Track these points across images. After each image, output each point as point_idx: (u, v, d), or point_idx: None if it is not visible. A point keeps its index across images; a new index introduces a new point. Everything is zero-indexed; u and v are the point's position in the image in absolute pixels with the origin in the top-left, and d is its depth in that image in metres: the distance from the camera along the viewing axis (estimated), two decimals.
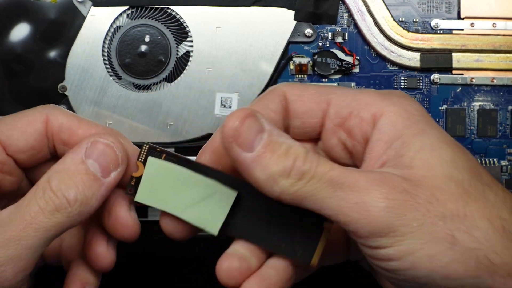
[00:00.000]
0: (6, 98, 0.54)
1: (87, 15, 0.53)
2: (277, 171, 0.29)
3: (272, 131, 0.30)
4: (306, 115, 0.33)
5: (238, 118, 0.30)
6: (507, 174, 0.54)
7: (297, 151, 0.29)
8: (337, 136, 0.33)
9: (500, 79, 0.53)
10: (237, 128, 0.29)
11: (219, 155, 0.34)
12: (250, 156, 0.29)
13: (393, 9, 0.53)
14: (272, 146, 0.29)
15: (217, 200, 0.33)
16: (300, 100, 0.33)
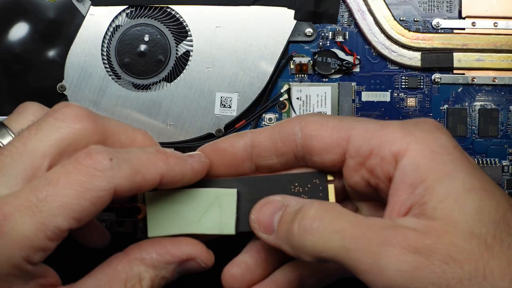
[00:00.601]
0: (5, 98, 0.54)
1: (86, 14, 0.52)
2: (292, 237, 0.30)
3: (290, 204, 0.32)
4: (325, 152, 0.32)
5: (255, 210, 0.33)
6: (508, 174, 0.53)
7: (306, 210, 0.30)
8: (360, 174, 0.32)
9: (502, 78, 0.53)
10: (256, 219, 0.32)
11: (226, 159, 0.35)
12: (272, 239, 0.32)
13: (394, 8, 0.53)
14: (284, 218, 0.31)
15: (221, 203, 0.34)
16: (318, 136, 0.32)
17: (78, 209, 0.28)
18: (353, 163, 0.32)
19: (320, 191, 0.34)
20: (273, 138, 0.33)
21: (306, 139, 0.32)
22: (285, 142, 0.33)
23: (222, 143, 0.35)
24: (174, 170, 0.32)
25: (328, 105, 0.53)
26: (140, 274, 0.31)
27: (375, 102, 0.54)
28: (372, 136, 0.31)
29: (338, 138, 0.32)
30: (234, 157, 0.34)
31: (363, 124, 0.32)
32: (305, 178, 0.34)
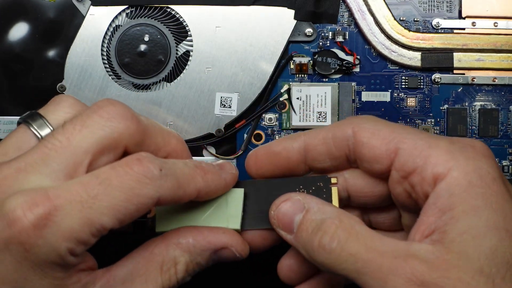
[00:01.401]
0: (5, 98, 0.54)
1: (86, 14, 0.52)
2: (310, 248, 0.31)
3: (311, 208, 0.32)
4: (374, 161, 0.33)
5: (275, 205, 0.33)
6: (508, 174, 0.53)
7: (327, 226, 0.31)
8: (402, 187, 0.33)
9: (502, 78, 0.53)
10: (276, 215, 0.33)
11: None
12: (290, 238, 0.33)
13: (394, 8, 0.53)
14: (305, 226, 0.32)
15: (228, 201, 0.35)
16: (369, 144, 0.33)
17: (124, 212, 0.29)
18: (397, 176, 0.33)
19: (324, 193, 0.34)
20: (327, 142, 0.34)
21: (358, 145, 0.33)
22: (339, 147, 0.34)
23: (276, 146, 0.35)
24: (210, 186, 0.33)
25: (328, 105, 0.53)
26: (175, 258, 0.32)
27: (375, 102, 0.54)
28: (418, 154, 0.31)
29: (387, 150, 0.32)
30: (288, 160, 0.35)
31: (413, 140, 0.32)
32: (310, 181, 0.35)
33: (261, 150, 0.36)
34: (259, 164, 0.35)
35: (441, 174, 0.30)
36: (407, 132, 0.33)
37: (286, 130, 0.54)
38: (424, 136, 0.32)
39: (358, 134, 0.33)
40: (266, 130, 0.54)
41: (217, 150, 0.54)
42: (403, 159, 0.32)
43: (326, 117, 0.53)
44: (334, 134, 0.34)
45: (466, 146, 0.31)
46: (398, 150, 0.32)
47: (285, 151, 0.35)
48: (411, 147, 0.32)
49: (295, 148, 0.35)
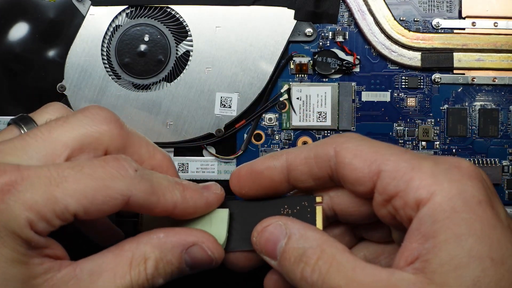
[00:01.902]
0: (5, 98, 0.54)
1: (86, 14, 0.52)
2: (293, 278, 0.31)
3: (292, 235, 0.32)
4: (356, 183, 0.32)
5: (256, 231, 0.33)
6: (508, 174, 0.53)
7: (308, 257, 0.31)
8: (386, 209, 0.32)
9: (502, 78, 0.53)
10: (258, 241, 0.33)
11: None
12: (274, 264, 0.32)
13: (394, 8, 0.53)
14: (287, 254, 0.32)
15: (213, 221, 0.35)
16: (351, 166, 0.32)
17: (90, 200, 0.29)
18: (380, 199, 0.32)
19: (308, 213, 0.34)
20: (309, 163, 0.34)
21: (340, 166, 0.32)
22: (321, 167, 0.33)
23: (259, 165, 0.35)
24: (188, 202, 0.33)
25: (328, 105, 0.53)
26: (145, 254, 0.32)
27: (375, 102, 0.54)
28: (401, 177, 0.31)
29: (369, 172, 0.31)
30: (271, 180, 0.34)
31: (396, 161, 0.31)
32: (295, 201, 0.34)
33: (244, 169, 0.35)
34: (242, 183, 0.35)
35: (423, 199, 0.29)
36: (391, 153, 0.31)
37: (286, 130, 0.54)
38: (407, 157, 0.31)
39: (340, 154, 0.32)
40: (266, 130, 0.54)
41: (217, 150, 0.54)
42: (385, 182, 0.31)
43: (326, 117, 0.53)
44: (316, 153, 0.33)
45: (451, 168, 0.30)
46: (380, 172, 0.31)
47: (267, 170, 0.34)
48: (394, 169, 0.31)
49: (277, 168, 0.34)
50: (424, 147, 0.54)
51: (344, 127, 0.54)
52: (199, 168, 0.54)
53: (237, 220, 0.35)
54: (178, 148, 0.54)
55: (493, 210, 0.29)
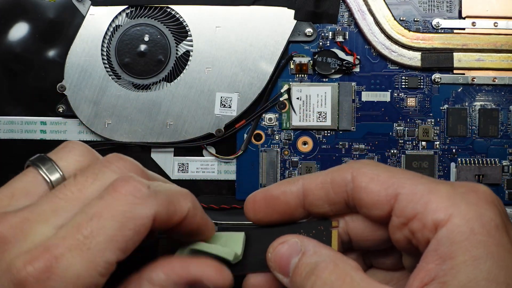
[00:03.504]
0: (5, 98, 0.54)
1: (86, 14, 0.52)
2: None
3: (307, 251, 0.32)
4: (373, 207, 0.32)
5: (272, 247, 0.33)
6: (508, 174, 0.53)
7: (320, 271, 0.31)
8: (402, 233, 0.32)
9: (502, 78, 0.53)
10: (273, 258, 0.33)
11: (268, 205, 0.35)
12: (286, 282, 0.32)
13: (394, 8, 0.53)
14: (299, 270, 0.32)
15: (228, 243, 0.35)
16: (367, 189, 0.32)
17: (122, 240, 0.29)
18: (397, 221, 0.32)
19: (324, 236, 0.34)
20: (325, 188, 0.33)
21: (356, 190, 0.32)
22: (337, 192, 0.33)
23: (274, 190, 0.35)
24: (197, 209, 0.33)
25: (328, 105, 0.53)
26: None
27: (375, 102, 0.54)
28: (418, 200, 0.31)
29: (386, 196, 0.32)
30: (286, 205, 0.34)
31: (413, 184, 0.31)
32: (311, 225, 0.34)
33: (259, 195, 0.35)
34: (257, 208, 0.35)
35: (442, 221, 0.30)
36: (407, 177, 0.32)
37: (286, 130, 0.54)
38: (424, 181, 0.31)
39: (357, 179, 0.32)
40: (266, 130, 0.54)
41: (217, 150, 0.54)
42: (403, 205, 0.31)
43: (326, 117, 0.53)
44: (332, 178, 0.33)
45: (468, 192, 0.30)
46: (397, 196, 0.31)
47: (283, 195, 0.34)
48: (411, 193, 0.31)
49: (293, 193, 0.34)
50: (424, 147, 0.54)
51: (344, 127, 0.54)
52: (199, 168, 0.54)
53: (252, 245, 0.35)
54: (178, 148, 0.54)
55: (508, 235, 0.30)
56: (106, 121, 0.53)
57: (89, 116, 0.53)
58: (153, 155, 0.54)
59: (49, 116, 0.54)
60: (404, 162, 0.54)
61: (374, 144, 0.54)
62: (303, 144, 0.54)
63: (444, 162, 0.54)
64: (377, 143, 0.54)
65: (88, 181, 0.30)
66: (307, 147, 0.54)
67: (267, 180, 0.54)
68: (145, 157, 0.54)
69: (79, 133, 0.54)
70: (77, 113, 0.53)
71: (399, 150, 0.54)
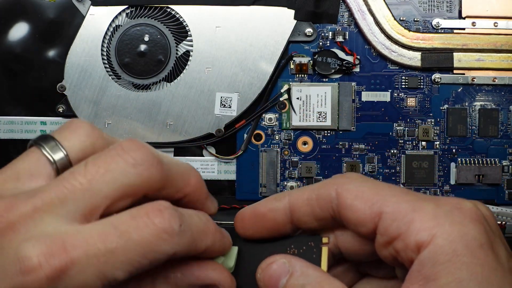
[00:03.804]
0: (5, 98, 0.54)
1: (86, 14, 0.52)
2: None
3: (294, 272, 0.32)
4: (358, 225, 0.32)
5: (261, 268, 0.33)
6: (508, 174, 0.53)
7: None
8: (388, 251, 0.32)
9: (502, 78, 0.53)
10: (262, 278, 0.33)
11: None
12: None
13: (394, 8, 0.53)
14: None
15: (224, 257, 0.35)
16: (352, 207, 0.32)
17: (137, 266, 0.29)
18: (381, 240, 0.32)
19: (314, 253, 0.34)
20: (311, 204, 0.34)
21: (341, 207, 0.32)
22: (323, 209, 0.33)
23: (261, 207, 0.35)
24: (215, 246, 0.32)
25: (328, 105, 0.53)
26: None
27: (375, 102, 0.54)
28: (402, 219, 0.31)
29: (371, 214, 0.31)
30: (274, 222, 0.34)
31: (397, 202, 0.31)
32: (301, 241, 0.34)
33: (248, 212, 0.35)
34: (246, 226, 0.35)
35: (425, 242, 0.30)
36: (392, 194, 0.32)
37: (286, 130, 0.54)
38: (408, 199, 0.31)
39: (342, 196, 0.32)
40: (266, 130, 0.54)
41: (217, 150, 0.54)
42: (387, 224, 0.31)
43: (326, 117, 0.53)
44: (318, 195, 0.33)
45: (452, 210, 0.30)
46: (381, 214, 0.31)
47: (270, 212, 0.34)
48: (395, 211, 0.31)
49: (280, 209, 0.34)
50: (424, 147, 0.54)
51: (344, 127, 0.54)
52: (199, 168, 0.54)
53: (244, 260, 0.35)
54: (178, 148, 0.54)
55: (494, 253, 0.29)
56: (106, 121, 0.53)
57: (89, 116, 0.53)
58: None
59: (49, 116, 0.54)
60: (404, 162, 0.54)
61: (374, 144, 0.54)
62: (303, 144, 0.54)
63: (444, 162, 0.54)
64: (377, 143, 0.54)
65: (100, 171, 0.29)
66: (307, 147, 0.54)
67: (267, 180, 0.54)
68: None
69: None
70: (77, 113, 0.53)
71: (399, 150, 0.54)
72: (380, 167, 0.54)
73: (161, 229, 0.29)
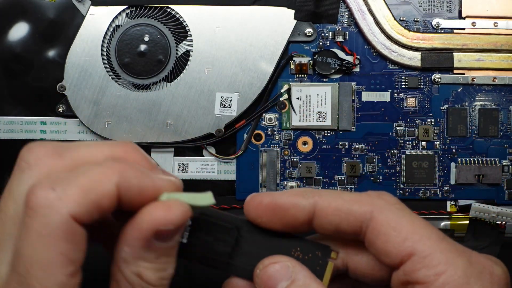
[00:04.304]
0: (5, 98, 0.54)
1: (86, 14, 0.52)
2: None
3: (296, 280, 0.31)
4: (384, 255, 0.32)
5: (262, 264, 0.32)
6: (508, 174, 0.53)
7: None
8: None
9: (502, 78, 0.53)
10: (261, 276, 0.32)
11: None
12: None
13: (394, 8, 0.53)
14: None
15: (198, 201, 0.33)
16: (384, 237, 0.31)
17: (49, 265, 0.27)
18: (403, 277, 0.31)
19: (318, 265, 0.32)
20: (339, 215, 0.32)
21: (372, 233, 0.31)
22: (350, 224, 0.32)
23: (284, 199, 0.33)
24: (130, 181, 0.29)
25: (328, 105, 0.53)
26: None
27: (375, 102, 0.54)
28: (432, 268, 0.30)
29: (402, 251, 0.31)
30: (294, 218, 0.32)
31: (431, 247, 0.31)
32: (310, 247, 0.33)
33: (267, 199, 0.33)
34: (261, 213, 0.33)
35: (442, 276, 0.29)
36: (428, 236, 0.31)
37: (286, 130, 0.54)
38: (443, 247, 0.30)
39: (377, 222, 0.31)
40: (266, 130, 0.54)
41: (217, 150, 0.54)
42: (415, 267, 0.30)
43: (326, 117, 0.53)
44: (349, 210, 0.32)
45: (483, 272, 0.30)
46: (413, 255, 0.30)
47: (293, 208, 0.32)
48: (427, 257, 0.30)
49: (305, 209, 0.32)
50: (424, 147, 0.54)
51: (344, 127, 0.54)
52: (199, 168, 0.54)
53: (244, 246, 0.33)
54: (178, 148, 0.54)
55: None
56: (106, 121, 0.53)
57: (89, 116, 0.53)
58: (153, 155, 0.54)
59: (49, 116, 0.54)
60: (404, 162, 0.54)
61: (374, 144, 0.54)
62: (303, 144, 0.54)
63: (444, 162, 0.54)
64: (377, 143, 0.54)
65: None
66: (307, 147, 0.54)
67: (267, 180, 0.54)
68: None
69: (79, 133, 0.54)
70: (77, 113, 0.53)
71: (399, 150, 0.54)
72: (380, 167, 0.54)
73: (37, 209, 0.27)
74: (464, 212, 0.53)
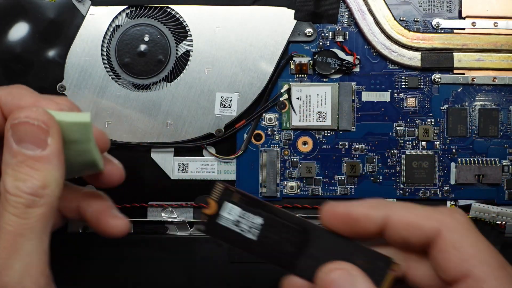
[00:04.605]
0: None
1: (86, 14, 0.52)
2: None
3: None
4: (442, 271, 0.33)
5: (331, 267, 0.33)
6: (508, 174, 0.53)
7: None
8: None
9: (502, 78, 0.53)
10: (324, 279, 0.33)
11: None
12: None
13: (394, 8, 0.53)
14: None
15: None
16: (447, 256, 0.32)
17: None
18: None
19: (379, 275, 0.33)
20: (409, 230, 0.33)
21: (437, 249, 0.32)
22: (418, 238, 0.33)
23: (358, 212, 0.34)
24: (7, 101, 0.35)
25: (328, 105, 0.53)
26: None
27: (375, 102, 0.54)
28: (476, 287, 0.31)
29: (459, 271, 0.32)
30: (364, 229, 0.34)
31: (487, 274, 0.31)
32: (372, 256, 0.34)
33: (341, 209, 0.34)
34: (333, 222, 0.34)
35: None
36: (487, 262, 0.32)
37: (286, 130, 0.54)
38: (501, 275, 0.31)
39: (443, 239, 0.32)
40: (266, 130, 0.54)
41: (217, 150, 0.54)
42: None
43: (326, 117, 0.53)
44: (419, 225, 0.33)
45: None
46: (468, 278, 0.31)
47: (365, 219, 0.33)
48: (479, 282, 0.31)
49: (377, 222, 0.33)
50: (424, 147, 0.54)
51: (344, 127, 0.54)
52: (199, 168, 0.54)
53: (312, 246, 0.34)
54: (178, 148, 0.54)
55: None
56: (106, 121, 0.53)
57: None
58: (153, 155, 0.54)
59: None
60: (404, 162, 0.54)
61: (374, 144, 0.54)
62: (303, 144, 0.54)
63: (444, 162, 0.54)
64: (377, 143, 0.54)
65: None
66: (307, 147, 0.54)
67: (267, 180, 0.54)
68: (145, 157, 0.54)
69: None
70: None
71: (399, 150, 0.54)
72: (380, 167, 0.54)
73: None
74: (464, 212, 0.53)
